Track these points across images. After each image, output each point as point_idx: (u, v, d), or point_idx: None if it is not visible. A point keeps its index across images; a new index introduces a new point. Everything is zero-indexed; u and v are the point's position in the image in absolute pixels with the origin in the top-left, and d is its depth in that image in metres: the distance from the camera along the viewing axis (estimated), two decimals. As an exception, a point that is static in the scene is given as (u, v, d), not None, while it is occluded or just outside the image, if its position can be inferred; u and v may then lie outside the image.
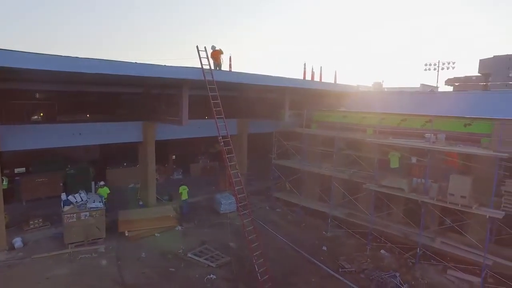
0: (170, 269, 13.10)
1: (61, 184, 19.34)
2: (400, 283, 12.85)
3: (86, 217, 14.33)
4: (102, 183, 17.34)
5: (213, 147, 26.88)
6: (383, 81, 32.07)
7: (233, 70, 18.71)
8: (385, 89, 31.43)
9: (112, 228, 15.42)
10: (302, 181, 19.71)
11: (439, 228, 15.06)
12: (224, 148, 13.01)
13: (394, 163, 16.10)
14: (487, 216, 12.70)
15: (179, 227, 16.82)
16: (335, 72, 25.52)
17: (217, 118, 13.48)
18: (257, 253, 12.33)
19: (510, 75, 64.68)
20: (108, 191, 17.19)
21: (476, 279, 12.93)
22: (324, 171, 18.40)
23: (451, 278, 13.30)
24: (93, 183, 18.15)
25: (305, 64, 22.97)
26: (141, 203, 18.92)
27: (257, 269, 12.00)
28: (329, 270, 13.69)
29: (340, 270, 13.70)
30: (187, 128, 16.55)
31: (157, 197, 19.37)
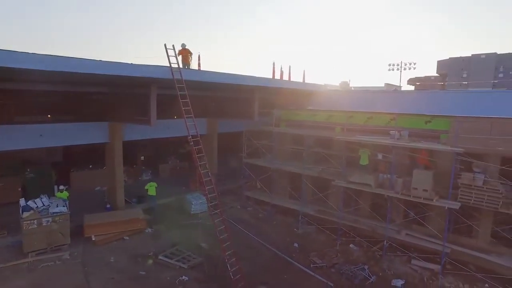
0: (141, 272, 12.78)
1: (20, 189, 18.25)
2: (369, 275, 13.32)
3: (49, 223, 13.60)
4: (61, 187, 16.42)
5: (183, 147, 26.50)
6: (349, 80, 32.96)
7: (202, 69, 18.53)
8: (352, 88, 32.35)
9: (77, 233, 14.78)
10: (272, 180, 19.88)
11: (404, 220, 15.74)
12: (194, 147, 12.87)
13: (364, 160, 16.62)
14: (446, 208, 13.47)
15: (149, 230, 16.43)
16: (304, 72, 26.01)
17: (186, 117, 13.30)
18: (229, 252, 12.30)
19: (464, 75, 68.88)
20: (67, 195, 16.25)
21: (436, 267, 13.65)
22: (294, 169, 18.65)
23: (415, 267, 13.96)
24: (55, 187, 17.27)
25: (274, 64, 23.27)
26: (108, 206, 18.28)
27: (229, 269, 11.97)
28: (300, 266, 13.91)
29: (311, 265, 13.98)
30: (156, 128, 16.20)
31: (125, 200, 18.81)
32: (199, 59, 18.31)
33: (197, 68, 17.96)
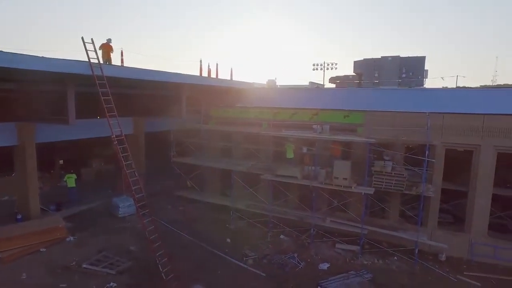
0: (61, 285, 11.78)
1: None
2: (298, 262, 14.11)
3: None
4: None
5: (108, 149, 24.88)
6: (276, 79, 34.27)
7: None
8: (278, 86, 33.68)
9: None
10: (203, 178, 19.82)
11: (328, 208, 16.97)
12: (119, 147, 12.26)
13: (290, 154, 17.48)
14: (363, 193, 14.91)
15: (71, 238, 15.20)
16: (231, 69, 26.31)
17: (110, 116, 12.61)
18: (159, 253, 12.02)
19: (376, 75, 76.56)
20: None
21: (356, 247, 15.05)
22: (224, 165, 18.84)
23: (339, 251, 15.20)
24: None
25: (201, 61, 23.03)
26: (19, 217, 16.39)
27: (161, 269, 11.71)
28: (234, 260, 14.16)
29: (244, 259, 14.30)
30: (76, 129, 15.05)
31: (41, 208, 17.08)
32: (122, 55, 17.42)
33: (119, 65, 17.07)
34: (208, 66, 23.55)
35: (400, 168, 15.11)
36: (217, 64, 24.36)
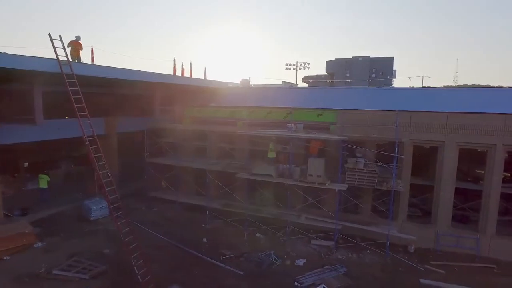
0: (30, 293, 11.29)
1: None
2: (275, 259, 14.29)
3: None
4: None
5: (78, 150, 23.94)
6: (250, 78, 34.40)
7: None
8: (252, 86, 33.81)
9: None
10: (178, 178, 19.59)
11: (303, 205, 17.29)
12: (91, 147, 11.90)
13: (271, 154, 17.55)
14: (336, 190, 15.33)
15: (39, 244, 14.54)
16: (205, 69, 26.12)
17: (80, 116, 12.20)
18: (135, 255, 11.78)
19: (347, 75, 78.62)
20: None
21: (331, 243, 15.47)
22: (199, 165, 18.73)
23: (314, 246, 15.56)
24: None
25: (174, 60, 22.72)
26: (-21, 223, 15.48)
27: (137, 272, 11.49)
28: (211, 260, 14.13)
29: (221, 258, 14.31)
30: (44, 129, 14.40)
31: (5, 214, 16.22)
32: (92, 53, 16.85)
33: (90, 63, 16.54)
34: (182, 65, 23.29)
35: (372, 165, 15.67)
36: (190, 64, 24.16)
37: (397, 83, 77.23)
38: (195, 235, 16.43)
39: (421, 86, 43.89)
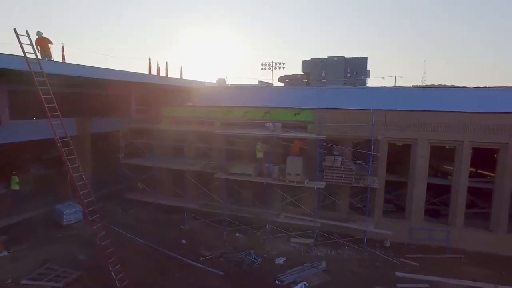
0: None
1: None
2: (255, 259, 14.30)
3: None
4: None
5: (47, 152, 22.89)
6: (226, 78, 34.26)
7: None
8: (229, 85, 33.68)
9: None
10: (155, 179, 19.18)
11: (282, 204, 17.40)
12: (63, 149, 11.41)
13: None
14: (315, 188, 15.53)
15: (5, 253, 13.80)
16: (181, 68, 25.77)
17: (52, 116, 11.65)
18: (112, 259, 11.42)
19: (323, 74, 79.90)
20: None
21: (310, 240, 15.66)
22: (176, 165, 18.43)
23: (293, 244, 15.71)
24: None
25: (150, 59, 22.23)
26: None
27: (114, 277, 11.16)
28: (190, 261, 13.95)
29: (201, 259, 14.17)
30: (10, 131, 13.66)
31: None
32: (62, 51, 16.13)
33: (61, 60, 15.84)
34: (157, 64, 22.82)
35: (349, 163, 16.00)
36: (166, 63, 23.78)
37: (371, 82, 79.27)
38: (173, 236, 16.20)
39: (393, 86, 45.30)
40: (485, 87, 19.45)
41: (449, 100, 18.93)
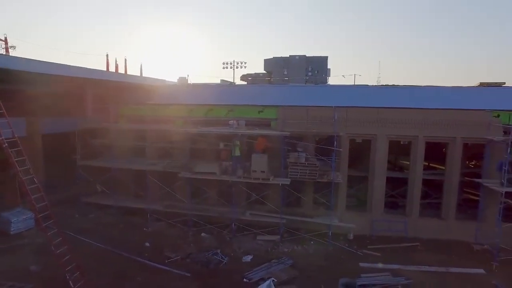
0: None
1: None
2: (222, 258, 14.13)
3: None
4: None
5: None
6: (188, 76, 33.66)
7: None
8: (190, 84, 33.00)
9: None
10: (115, 180, 18.31)
11: (248, 202, 17.36)
12: (11, 150, 10.50)
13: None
14: (280, 184, 15.64)
15: None
16: (141, 66, 24.91)
17: (-5, 115, 10.69)
18: (70, 267, 10.73)
19: (285, 72, 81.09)
20: None
21: (276, 237, 15.78)
22: (137, 166, 17.78)
23: (260, 242, 15.72)
24: None
25: (107, 55, 21.25)
26: None
27: (72, 286, 10.48)
28: (155, 264, 13.50)
29: (166, 261, 13.76)
30: None
31: None
32: (6, 43, 14.87)
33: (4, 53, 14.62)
34: (116, 61, 21.85)
35: (313, 159, 16.28)
36: (125, 59, 22.83)
37: (332, 80, 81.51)
38: (136, 239, 15.57)
39: (353, 84, 46.85)
40: (437, 86, 20.60)
41: (405, 98, 19.82)
